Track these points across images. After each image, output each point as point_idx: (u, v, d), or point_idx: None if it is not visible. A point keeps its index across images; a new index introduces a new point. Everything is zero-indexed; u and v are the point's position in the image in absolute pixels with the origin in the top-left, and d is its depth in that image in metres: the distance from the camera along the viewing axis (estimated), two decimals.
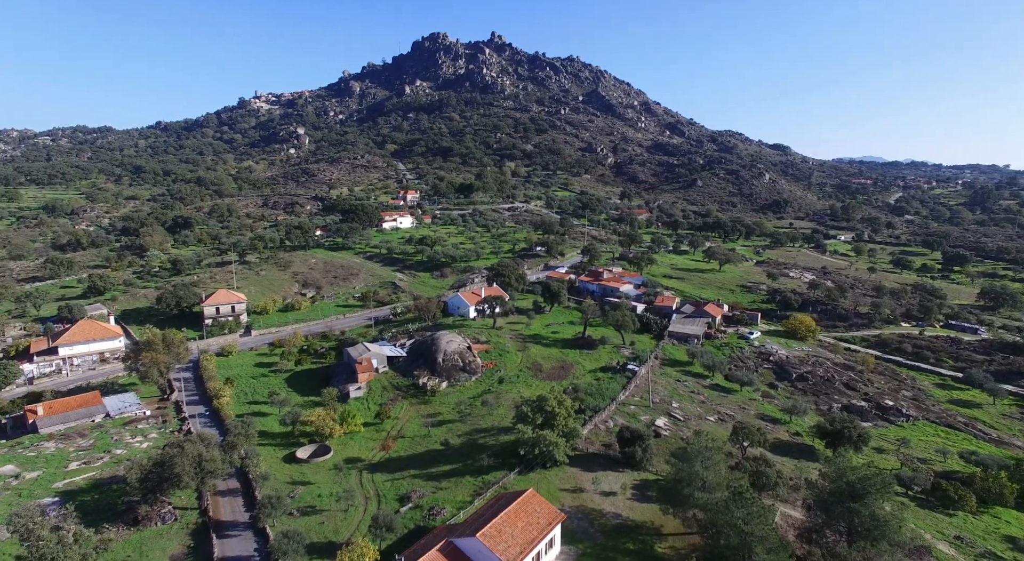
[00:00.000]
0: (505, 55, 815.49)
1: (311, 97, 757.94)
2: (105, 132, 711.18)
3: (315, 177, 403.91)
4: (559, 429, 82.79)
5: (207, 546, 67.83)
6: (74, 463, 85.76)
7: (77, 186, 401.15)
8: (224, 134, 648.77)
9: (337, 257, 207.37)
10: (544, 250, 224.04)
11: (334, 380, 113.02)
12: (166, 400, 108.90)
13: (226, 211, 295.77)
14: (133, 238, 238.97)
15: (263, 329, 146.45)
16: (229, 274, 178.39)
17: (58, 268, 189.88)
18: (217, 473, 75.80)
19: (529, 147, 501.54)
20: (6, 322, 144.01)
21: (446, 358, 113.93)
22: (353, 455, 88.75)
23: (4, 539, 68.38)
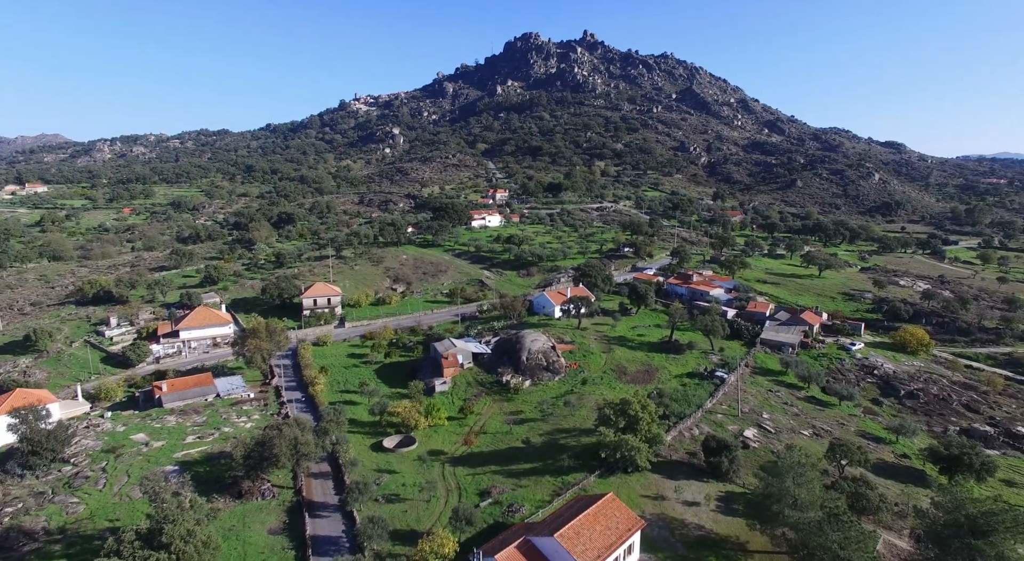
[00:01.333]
0: (597, 53, 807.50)
1: (406, 98, 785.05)
2: (223, 135, 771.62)
3: (408, 175, 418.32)
4: (642, 434, 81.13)
5: (300, 524, 72.15)
6: (190, 437, 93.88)
7: (199, 184, 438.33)
8: (325, 135, 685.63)
9: (427, 254, 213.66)
10: (632, 251, 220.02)
11: (420, 373, 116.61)
12: (268, 384, 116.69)
13: (325, 208, 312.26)
14: (243, 232, 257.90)
15: (356, 321, 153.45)
16: (326, 268, 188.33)
17: (181, 259, 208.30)
18: (311, 456, 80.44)
19: (619, 146, 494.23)
20: (140, 307, 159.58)
21: (530, 357, 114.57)
22: (436, 447, 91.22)
23: (138, 497, 76.28)
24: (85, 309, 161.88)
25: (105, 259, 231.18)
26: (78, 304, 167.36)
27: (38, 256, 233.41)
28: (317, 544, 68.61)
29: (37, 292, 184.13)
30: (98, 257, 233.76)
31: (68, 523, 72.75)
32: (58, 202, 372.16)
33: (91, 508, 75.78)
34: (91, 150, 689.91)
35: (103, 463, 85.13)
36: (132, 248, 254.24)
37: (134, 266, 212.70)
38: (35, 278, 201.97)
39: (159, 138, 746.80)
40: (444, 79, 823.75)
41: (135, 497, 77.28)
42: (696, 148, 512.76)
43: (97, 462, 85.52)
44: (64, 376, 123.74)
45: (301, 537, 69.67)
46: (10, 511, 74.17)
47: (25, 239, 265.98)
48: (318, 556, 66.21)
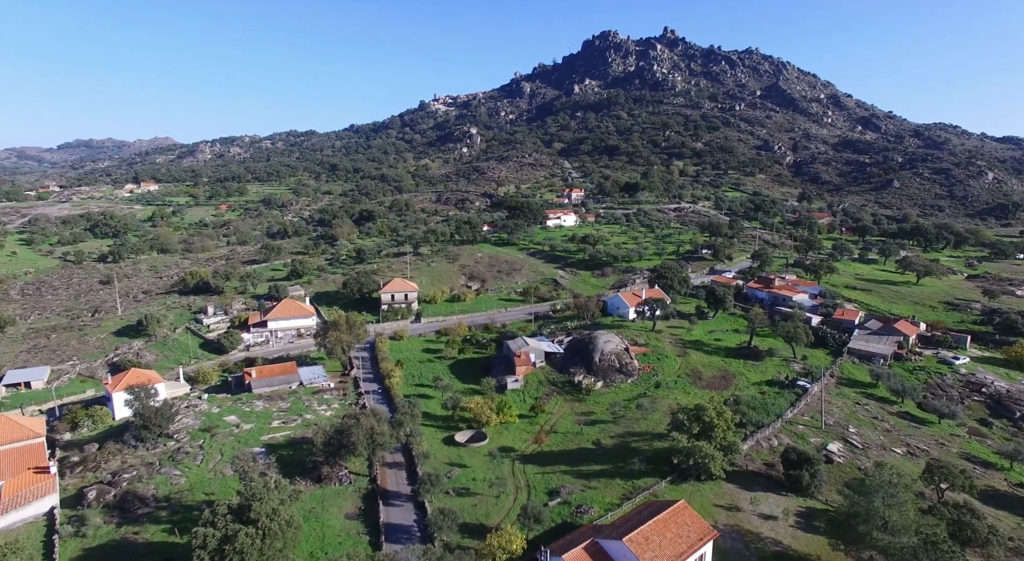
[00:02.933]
0: (677, 50, 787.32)
1: (484, 98, 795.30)
2: (310, 135, 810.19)
3: (485, 175, 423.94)
4: (717, 442, 78.71)
5: (375, 511, 74.93)
6: (276, 421, 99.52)
7: (287, 182, 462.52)
8: (405, 135, 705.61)
9: (502, 252, 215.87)
10: (710, 253, 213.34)
11: (493, 371, 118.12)
12: (347, 375, 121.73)
13: (404, 206, 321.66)
14: (327, 229, 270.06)
15: (431, 317, 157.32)
16: (404, 264, 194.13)
17: (270, 253, 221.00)
18: (386, 446, 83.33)
19: (699, 145, 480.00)
20: (234, 297, 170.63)
21: (603, 358, 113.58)
22: (507, 444, 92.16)
23: (230, 475, 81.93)
24: (187, 298, 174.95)
25: (204, 252, 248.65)
26: (181, 293, 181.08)
27: (149, 249, 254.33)
28: (390, 531, 71.05)
29: (148, 281, 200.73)
30: (198, 250, 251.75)
31: (172, 493, 79.15)
32: (166, 199, 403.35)
33: (191, 481, 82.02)
34: (195, 151, 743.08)
35: (200, 441, 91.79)
36: (227, 242, 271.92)
37: (229, 259, 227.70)
38: (147, 269, 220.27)
39: (253, 139, 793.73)
40: (522, 79, 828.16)
41: (227, 474, 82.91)
42: (781, 147, 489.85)
43: (196, 440, 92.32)
44: (168, 359, 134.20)
45: (375, 523, 72.38)
46: (127, 477, 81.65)
47: (139, 233, 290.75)
48: (391, 543, 68.52)
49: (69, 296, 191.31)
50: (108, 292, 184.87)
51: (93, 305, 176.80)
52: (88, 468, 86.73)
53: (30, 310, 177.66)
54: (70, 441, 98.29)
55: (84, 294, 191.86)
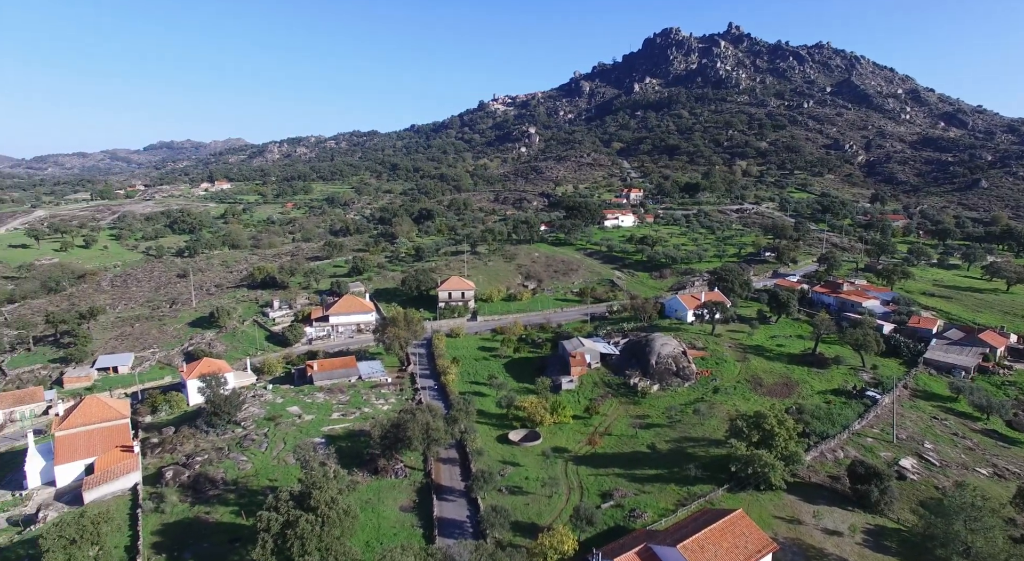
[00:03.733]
0: (742, 47, 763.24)
1: (543, 98, 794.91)
2: (372, 135, 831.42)
3: (543, 174, 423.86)
4: (777, 451, 75.96)
5: (428, 504, 76.30)
6: (335, 413, 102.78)
7: (350, 181, 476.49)
8: (465, 134, 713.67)
9: (559, 252, 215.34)
10: (773, 256, 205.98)
11: (548, 370, 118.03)
12: (404, 371, 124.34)
13: (462, 205, 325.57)
14: (387, 227, 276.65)
15: (487, 316, 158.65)
16: (461, 263, 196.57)
17: (332, 250, 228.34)
18: (440, 442, 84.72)
19: (763, 144, 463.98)
20: (298, 292, 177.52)
21: (659, 361, 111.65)
22: (560, 445, 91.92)
23: (292, 463, 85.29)
24: (254, 292, 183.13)
25: (271, 248, 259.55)
26: (249, 287, 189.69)
27: (221, 244, 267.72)
28: (443, 525, 72.19)
29: (220, 275, 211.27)
30: (266, 246, 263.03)
31: (239, 477, 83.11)
32: (237, 197, 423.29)
33: (256, 467, 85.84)
34: (264, 151, 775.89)
35: (265, 429, 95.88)
36: (293, 239, 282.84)
37: (294, 255, 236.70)
38: (219, 263, 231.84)
39: (318, 139, 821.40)
40: (580, 78, 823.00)
41: (289, 462, 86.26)
42: (852, 145, 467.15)
43: (261, 428, 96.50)
44: (237, 350, 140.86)
45: (428, 517, 73.71)
46: (200, 460, 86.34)
47: (213, 229, 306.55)
48: (444, 537, 69.60)
49: (151, 288, 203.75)
50: (184, 285, 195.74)
51: (171, 297, 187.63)
52: (166, 449, 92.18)
53: (118, 300, 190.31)
54: (150, 424, 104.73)
55: (163, 286, 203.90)
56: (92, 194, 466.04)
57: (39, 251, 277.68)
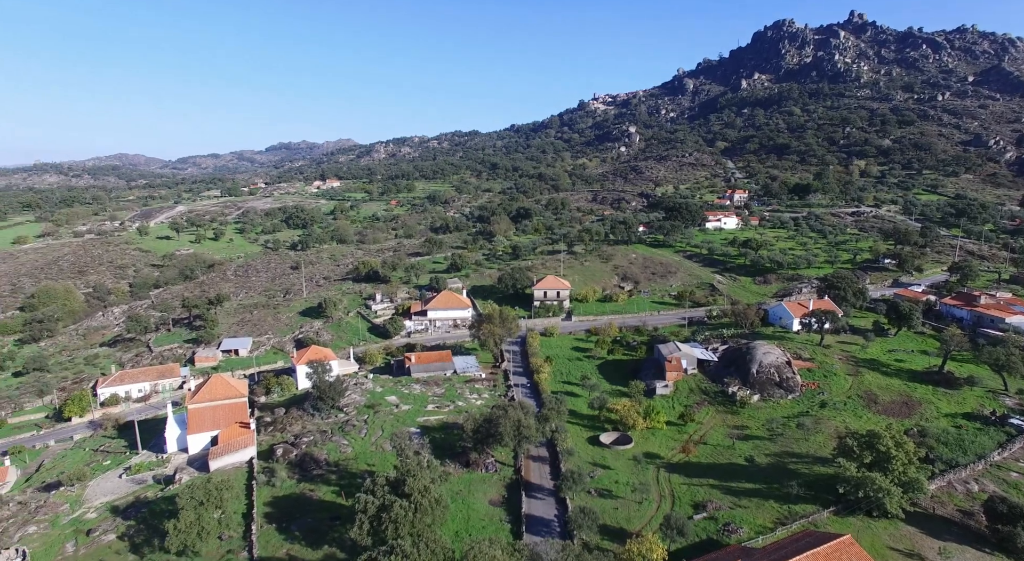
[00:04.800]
0: (865, 36, 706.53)
1: (644, 96, 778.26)
2: (473, 135, 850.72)
3: (642, 174, 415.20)
4: (894, 475, 69.84)
5: (517, 500, 77.11)
6: (430, 405, 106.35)
7: (450, 180, 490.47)
8: (564, 134, 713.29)
9: (656, 254, 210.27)
10: (894, 263, 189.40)
11: (642, 374, 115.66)
12: (497, 367, 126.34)
13: (560, 204, 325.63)
14: (485, 225, 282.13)
15: (582, 316, 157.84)
16: (557, 262, 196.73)
17: (432, 246, 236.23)
18: (531, 439, 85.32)
19: (886, 142, 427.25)
20: (399, 286, 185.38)
21: (761, 370, 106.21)
22: (653, 450, 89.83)
23: (388, 450, 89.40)
24: (359, 285, 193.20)
25: (375, 244, 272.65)
26: (354, 281, 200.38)
27: (330, 239, 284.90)
28: (531, 523, 72.73)
29: (328, 268, 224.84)
30: (370, 242, 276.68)
31: (340, 459, 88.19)
32: (346, 195, 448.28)
33: (355, 451, 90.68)
34: (371, 151, 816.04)
35: (365, 416, 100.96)
36: (395, 235, 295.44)
37: (396, 251, 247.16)
38: (327, 257, 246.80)
39: (422, 139, 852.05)
40: (684, 75, 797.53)
41: (386, 449, 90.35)
42: (999, 141, 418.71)
43: (361, 415, 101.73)
44: (341, 339, 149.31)
45: (517, 513, 74.52)
46: (306, 441, 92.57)
47: (323, 225, 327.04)
48: (531, 534, 70.12)
49: (268, 278, 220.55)
50: (296, 277, 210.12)
51: (285, 287, 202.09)
52: (277, 428, 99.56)
53: (240, 289, 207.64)
54: (264, 404, 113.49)
55: (278, 277, 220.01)
56: (221, 191, 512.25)
57: (178, 242, 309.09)
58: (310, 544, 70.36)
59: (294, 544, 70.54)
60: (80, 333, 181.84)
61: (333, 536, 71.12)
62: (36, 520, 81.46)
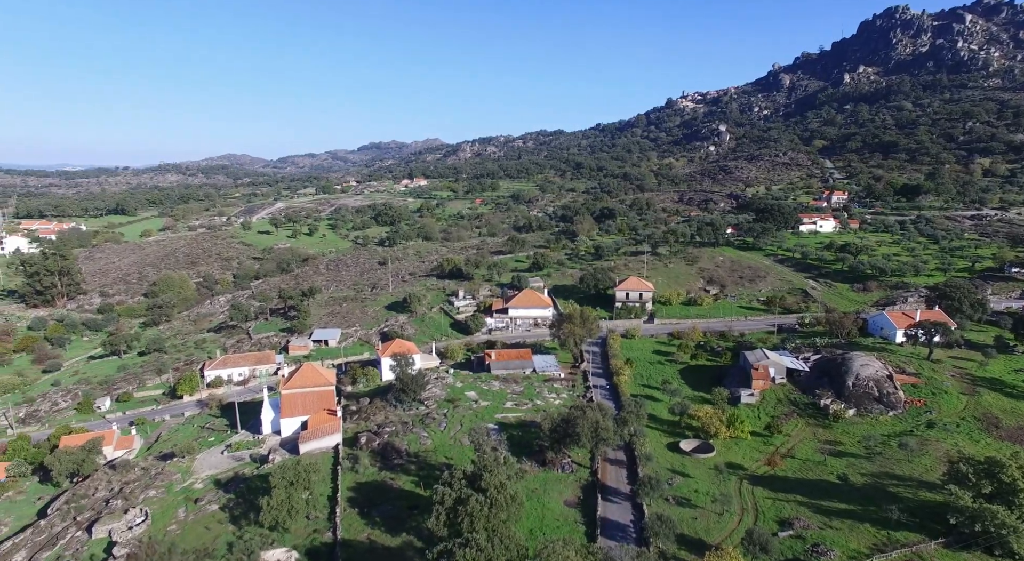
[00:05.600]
0: (999, 18, 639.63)
1: (736, 94, 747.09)
2: (558, 135, 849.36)
3: (731, 174, 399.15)
4: (1021, 510, 63.02)
5: (593, 503, 76.35)
6: (509, 402, 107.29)
7: (534, 179, 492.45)
8: (650, 133, 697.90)
9: (745, 257, 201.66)
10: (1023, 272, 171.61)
11: (726, 381, 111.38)
12: (576, 367, 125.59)
13: (644, 205, 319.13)
14: (568, 224, 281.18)
15: (665, 319, 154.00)
16: (640, 263, 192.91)
17: (515, 245, 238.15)
18: (609, 441, 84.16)
19: (1019, 137, 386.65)
20: (481, 284, 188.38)
21: (858, 383, 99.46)
22: (735, 461, 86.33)
23: (466, 444, 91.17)
24: (442, 281, 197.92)
25: (459, 241, 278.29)
26: (438, 277, 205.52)
27: (416, 236, 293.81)
28: (606, 526, 71.81)
29: (413, 265, 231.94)
30: (454, 239, 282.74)
31: (420, 451, 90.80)
32: (432, 193, 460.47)
33: (435, 443, 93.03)
34: (457, 150, 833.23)
35: (445, 410, 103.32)
36: (479, 233, 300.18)
37: (479, 249, 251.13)
38: (413, 253, 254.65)
39: (507, 139, 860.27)
40: (780, 71, 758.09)
41: (464, 444, 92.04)
42: None
43: (441, 408, 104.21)
44: (424, 334, 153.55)
45: (592, 515, 73.80)
46: (388, 431, 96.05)
47: (410, 222, 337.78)
48: (605, 538, 69.25)
49: (357, 273, 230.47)
50: (383, 272, 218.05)
51: (372, 282, 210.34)
52: (361, 417, 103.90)
53: (331, 282, 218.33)
54: (350, 393, 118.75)
55: (366, 272, 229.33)
56: (316, 189, 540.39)
57: (277, 237, 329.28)
58: (389, 530, 72.94)
59: (374, 529, 73.37)
60: (191, 319, 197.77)
61: (411, 524, 73.37)
62: (155, 485, 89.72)
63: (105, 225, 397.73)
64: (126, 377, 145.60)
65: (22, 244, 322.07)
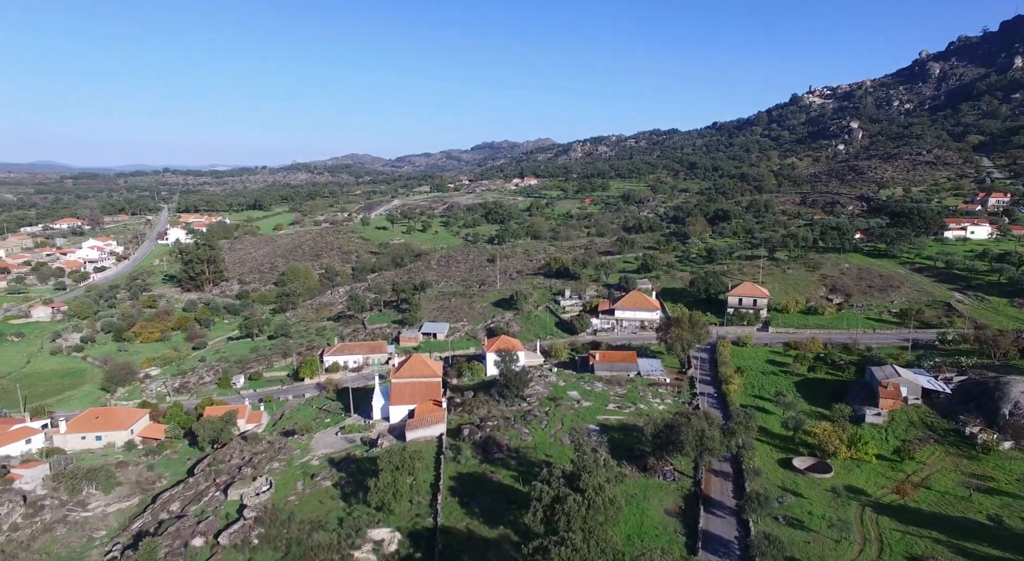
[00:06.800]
0: None
1: (872, 86, 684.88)
2: (672, 134, 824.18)
3: (863, 175, 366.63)
4: None
5: (694, 514, 73.36)
6: (611, 404, 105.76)
7: (645, 179, 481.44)
8: (772, 131, 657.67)
9: (876, 265, 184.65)
10: None
11: (849, 398, 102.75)
12: (683, 373, 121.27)
13: (762, 207, 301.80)
14: (679, 226, 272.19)
15: (780, 327, 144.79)
16: (756, 268, 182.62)
17: (624, 246, 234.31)
18: (714, 452, 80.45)
19: None
20: (587, 284, 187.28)
21: (1015, 411, 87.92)
22: (857, 485, 79.41)
23: (566, 444, 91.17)
24: (549, 280, 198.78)
25: (567, 241, 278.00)
26: (545, 276, 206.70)
27: (525, 234, 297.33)
28: (708, 540, 68.76)
29: (521, 263, 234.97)
30: (563, 239, 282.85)
31: (520, 447, 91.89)
32: (542, 193, 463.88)
33: (535, 440, 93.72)
34: (568, 150, 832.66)
35: (547, 408, 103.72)
36: (587, 233, 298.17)
37: (587, 249, 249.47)
38: (521, 252, 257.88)
39: (619, 138, 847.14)
40: (928, 59, 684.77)
41: (564, 443, 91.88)
42: None
43: (543, 406, 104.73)
44: (529, 332, 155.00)
45: (693, 527, 70.94)
46: (490, 425, 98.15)
47: (519, 221, 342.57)
48: (707, 552, 66.36)
49: (466, 269, 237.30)
50: (491, 269, 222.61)
51: (480, 278, 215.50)
52: (465, 410, 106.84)
53: (441, 277, 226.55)
54: (455, 385, 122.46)
55: (475, 269, 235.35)
56: (430, 187, 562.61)
57: (392, 233, 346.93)
58: (487, 522, 74.44)
59: (473, 519, 75.18)
60: (314, 307, 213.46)
61: (508, 518, 74.40)
62: (278, 458, 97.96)
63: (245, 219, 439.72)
64: (257, 358, 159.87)
65: (181, 235, 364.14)
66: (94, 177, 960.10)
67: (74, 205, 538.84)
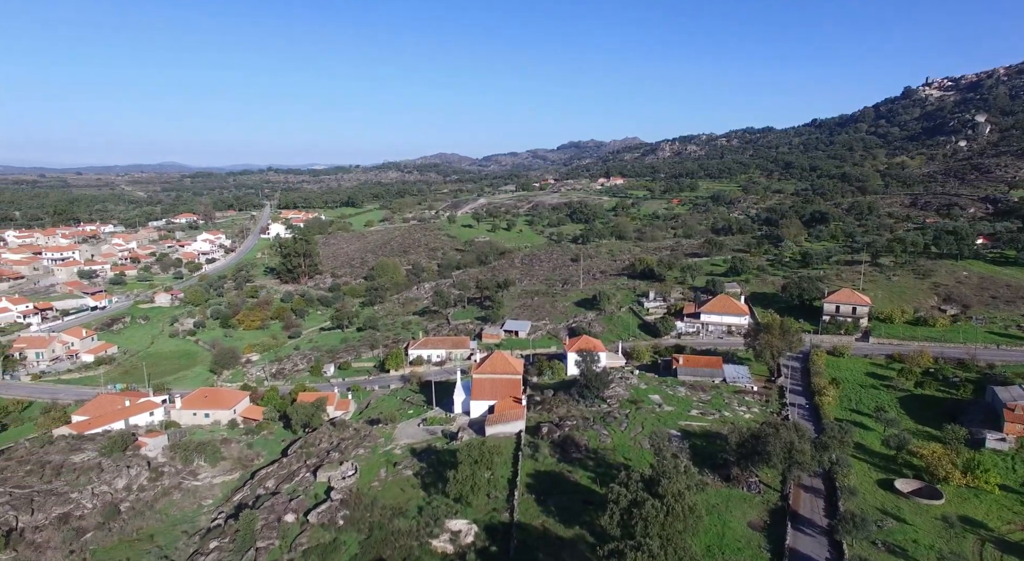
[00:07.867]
0: None
1: (1005, 75, 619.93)
2: (766, 132, 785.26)
3: (989, 174, 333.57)
4: None
5: (781, 530, 69.77)
6: (694, 410, 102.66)
7: (737, 179, 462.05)
8: (879, 128, 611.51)
9: (1002, 273, 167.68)
10: None
11: (964, 419, 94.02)
12: (772, 382, 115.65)
13: (866, 209, 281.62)
14: (772, 228, 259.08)
15: (883, 338, 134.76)
16: (856, 274, 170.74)
17: (712, 248, 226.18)
18: (804, 466, 76.16)
19: None
20: (673, 286, 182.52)
21: None
22: (974, 516, 72.52)
23: (646, 447, 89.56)
24: (633, 281, 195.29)
25: (653, 242, 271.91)
26: (629, 277, 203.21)
27: (609, 235, 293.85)
28: (795, 559, 65.30)
29: (605, 263, 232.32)
30: (648, 240, 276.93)
31: (599, 448, 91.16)
32: (628, 192, 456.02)
33: (614, 442, 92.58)
34: (656, 149, 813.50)
35: (627, 410, 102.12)
36: (674, 234, 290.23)
37: (673, 250, 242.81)
38: (605, 252, 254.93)
39: (709, 137, 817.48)
40: None
41: (644, 446, 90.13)
42: None
43: (623, 408, 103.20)
44: (611, 333, 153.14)
45: (778, 544, 67.50)
46: (569, 425, 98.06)
47: (604, 221, 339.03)
48: None
49: (549, 268, 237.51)
50: (575, 268, 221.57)
51: (563, 278, 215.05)
52: (544, 408, 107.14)
53: (524, 276, 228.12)
54: (536, 384, 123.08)
55: (559, 268, 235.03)
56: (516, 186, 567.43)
57: (477, 231, 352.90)
58: (563, 521, 74.34)
59: (548, 518, 75.31)
60: (400, 302, 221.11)
61: (584, 519, 73.95)
62: (364, 445, 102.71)
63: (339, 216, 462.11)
64: (347, 348, 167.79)
65: (281, 230, 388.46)
66: (208, 176, 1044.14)
67: (191, 202, 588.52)
